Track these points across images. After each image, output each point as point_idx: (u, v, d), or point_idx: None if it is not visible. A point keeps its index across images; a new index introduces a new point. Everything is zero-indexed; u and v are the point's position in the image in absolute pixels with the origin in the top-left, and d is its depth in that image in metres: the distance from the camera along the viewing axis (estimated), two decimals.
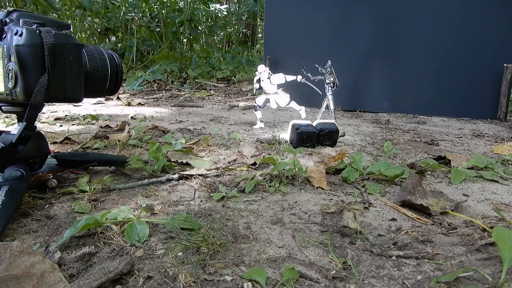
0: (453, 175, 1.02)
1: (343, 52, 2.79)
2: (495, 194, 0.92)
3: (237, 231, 0.66)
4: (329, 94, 1.80)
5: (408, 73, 2.72)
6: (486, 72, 2.52)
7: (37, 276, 0.45)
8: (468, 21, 2.52)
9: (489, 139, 1.76)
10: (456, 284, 0.51)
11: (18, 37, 0.65)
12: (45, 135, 0.83)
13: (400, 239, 0.64)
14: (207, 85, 4.00)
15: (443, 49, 2.60)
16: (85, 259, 0.55)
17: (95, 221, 0.60)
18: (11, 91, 0.68)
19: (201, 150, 1.27)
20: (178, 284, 0.48)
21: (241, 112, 2.44)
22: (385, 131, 1.91)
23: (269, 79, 1.76)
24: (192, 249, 0.58)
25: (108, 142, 1.36)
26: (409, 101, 2.72)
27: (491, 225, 0.69)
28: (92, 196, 0.80)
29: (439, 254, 0.59)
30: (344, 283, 0.50)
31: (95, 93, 0.82)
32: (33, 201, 0.76)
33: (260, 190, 0.89)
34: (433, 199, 0.82)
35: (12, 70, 0.67)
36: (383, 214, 0.76)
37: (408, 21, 2.66)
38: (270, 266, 0.54)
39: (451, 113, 2.59)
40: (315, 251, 0.59)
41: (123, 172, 0.99)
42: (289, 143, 1.42)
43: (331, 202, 0.82)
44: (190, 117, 2.15)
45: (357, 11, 2.76)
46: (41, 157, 0.79)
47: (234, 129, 1.76)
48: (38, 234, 0.62)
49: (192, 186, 0.90)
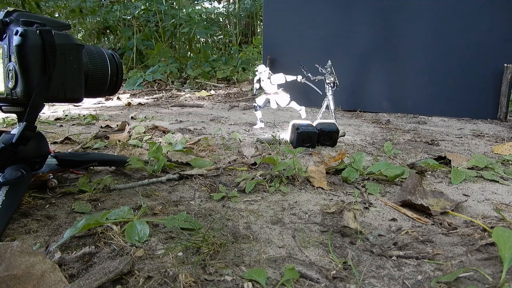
0: (453, 175, 1.02)
1: (343, 52, 2.79)
2: (495, 194, 0.92)
3: (237, 231, 0.66)
4: (329, 94, 1.80)
5: (408, 73, 2.72)
6: (487, 72, 2.52)
7: (37, 276, 0.45)
8: (468, 21, 2.52)
9: (489, 139, 1.76)
10: (456, 284, 0.51)
11: (19, 37, 0.65)
12: (45, 135, 0.83)
13: (401, 239, 0.64)
14: (207, 85, 4.00)
15: (443, 49, 2.60)
16: (85, 259, 0.55)
17: (95, 221, 0.60)
18: (12, 91, 0.68)
19: (201, 150, 1.27)
20: (178, 284, 0.48)
21: (241, 112, 2.44)
22: (385, 131, 1.91)
23: (269, 79, 1.76)
24: (192, 249, 0.58)
25: (108, 142, 1.36)
26: (409, 101, 2.72)
27: (491, 225, 0.69)
28: (92, 196, 0.80)
29: (439, 254, 0.59)
30: (344, 283, 0.50)
31: (95, 93, 0.82)
32: (33, 201, 0.76)
33: (260, 190, 0.89)
34: (433, 199, 0.82)
35: (12, 70, 0.67)
36: (383, 214, 0.76)
37: (408, 21, 2.66)
38: (270, 266, 0.54)
39: (451, 113, 2.59)
40: (315, 251, 0.59)
41: (123, 172, 0.99)
42: (289, 143, 1.42)
43: (331, 202, 0.82)
44: (190, 117, 2.15)
45: (357, 11, 2.76)
46: (41, 157, 0.79)
47: (234, 129, 1.76)
48: (38, 234, 0.62)
49: (192, 186, 0.90)
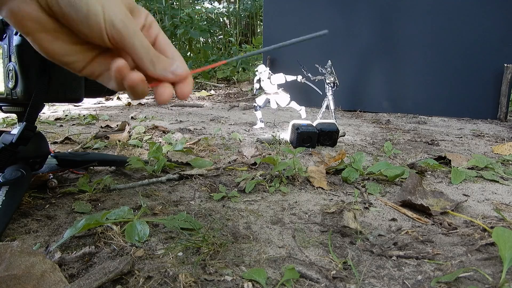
0: (453, 175, 1.02)
1: (343, 52, 2.79)
2: (495, 194, 0.92)
3: (237, 231, 0.66)
4: (329, 94, 1.80)
5: (408, 73, 2.72)
6: (487, 72, 2.52)
7: (37, 276, 0.45)
8: (468, 21, 2.52)
9: (489, 139, 1.76)
10: (456, 284, 0.51)
11: (19, 37, 0.65)
12: (45, 135, 0.83)
13: (400, 239, 0.64)
14: (207, 85, 4.00)
15: (443, 49, 2.60)
16: (85, 259, 0.55)
17: (95, 221, 0.60)
18: (12, 91, 0.68)
19: (201, 150, 1.27)
20: (178, 284, 0.48)
21: (241, 112, 2.44)
22: (385, 131, 1.91)
23: (269, 79, 1.76)
24: (192, 249, 0.58)
25: (108, 142, 1.36)
26: (409, 101, 2.72)
27: (491, 225, 0.69)
28: (92, 196, 0.80)
29: (439, 254, 0.59)
30: (344, 283, 0.50)
31: (95, 93, 0.81)
32: (33, 201, 0.76)
33: (260, 190, 0.89)
34: (433, 199, 0.82)
35: (12, 70, 0.67)
36: (383, 214, 0.76)
37: (408, 21, 2.66)
38: (270, 266, 0.54)
39: (451, 113, 2.59)
40: (315, 251, 0.59)
41: (123, 172, 0.99)
42: (289, 143, 1.42)
43: (331, 202, 0.82)
44: (190, 117, 2.15)
45: (358, 11, 2.76)
46: (41, 157, 0.79)
47: (234, 129, 1.76)
48: (38, 234, 0.62)
49: (192, 186, 0.90)
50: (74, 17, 0.33)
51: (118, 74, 0.34)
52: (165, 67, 0.36)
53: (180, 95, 0.38)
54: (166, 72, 0.36)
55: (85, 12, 0.32)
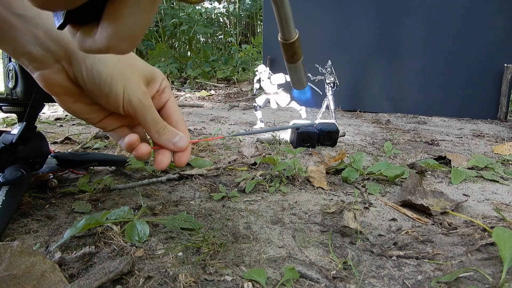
0: (453, 175, 1.02)
1: (343, 52, 2.79)
2: (495, 194, 0.92)
3: (237, 231, 0.66)
4: (329, 94, 1.80)
5: (408, 73, 2.72)
6: (487, 72, 2.52)
7: (37, 276, 0.45)
8: (468, 21, 2.52)
9: (489, 139, 1.76)
10: (457, 284, 0.51)
11: None
12: (45, 135, 0.83)
13: (401, 239, 0.64)
14: (207, 85, 4.00)
15: (443, 49, 2.60)
16: (85, 259, 0.55)
17: (95, 221, 0.60)
18: (12, 91, 0.68)
19: (201, 150, 1.27)
20: (178, 284, 0.48)
21: (241, 112, 2.44)
22: (385, 131, 1.91)
23: (269, 79, 1.76)
24: (192, 249, 0.58)
25: (108, 142, 1.36)
26: (409, 101, 2.72)
27: (491, 225, 0.69)
28: (92, 196, 0.80)
29: (439, 254, 0.59)
30: (344, 283, 0.50)
31: None
32: (33, 201, 0.76)
33: (260, 190, 0.89)
34: (433, 199, 0.82)
35: (12, 70, 0.67)
36: (384, 214, 0.76)
37: (408, 21, 2.66)
38: (270, 266, 0.54)
39: (451, 113, 2.59)
40: (315, 251, 0.59)
41: (123, 172, 0.99)
42: (289, 143, 1.42)
43: (331, 202, 0.82)
44: (190, 117, 2.15)
45: (358, 11, 2.76)
46: (41, 157, 0.79)
47: (234, 129, 1.76)
48: (38, 234, 0.62)
49: (192, 186, 0.90)
50: (96, 92, 0.38)
51: (129, 146, 0.40)
52: (169, 139, 0.42)
53: (178, 162, 0.43)
54: (169, 142, 0.42)
55: (107, 91, 0.37)
